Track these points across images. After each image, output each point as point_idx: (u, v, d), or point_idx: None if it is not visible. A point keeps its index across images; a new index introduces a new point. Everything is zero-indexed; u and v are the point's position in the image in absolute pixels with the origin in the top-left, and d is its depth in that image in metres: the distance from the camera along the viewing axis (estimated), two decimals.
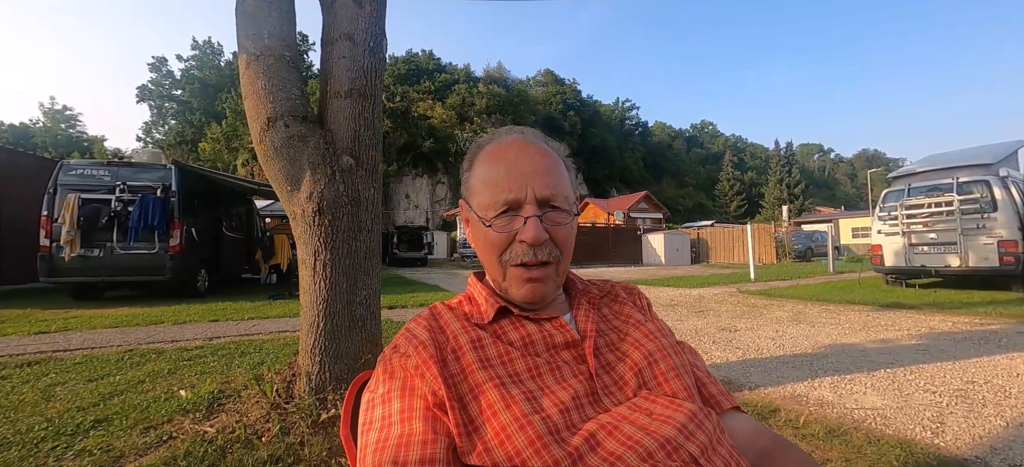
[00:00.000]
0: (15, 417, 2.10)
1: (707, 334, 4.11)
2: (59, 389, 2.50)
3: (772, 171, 51.93)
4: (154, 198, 6.12)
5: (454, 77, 57.18)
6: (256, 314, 5.20)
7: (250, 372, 2.65)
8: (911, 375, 2.73)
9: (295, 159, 1.97)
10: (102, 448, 1.78)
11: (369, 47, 2.12)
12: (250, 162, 32.95)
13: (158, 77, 42.37)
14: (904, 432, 1.95)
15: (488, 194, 0.58)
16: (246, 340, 3.80)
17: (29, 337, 3.94)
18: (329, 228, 1.97)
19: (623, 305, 0.67)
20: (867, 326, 4.26)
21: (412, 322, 0.59)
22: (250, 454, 1.68)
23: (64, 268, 5.89)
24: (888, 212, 7.24)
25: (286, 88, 2.00)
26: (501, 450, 0.45)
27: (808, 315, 5.00)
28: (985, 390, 2.43)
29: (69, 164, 6.33)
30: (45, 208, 5.91)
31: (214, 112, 38.76)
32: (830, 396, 2.41)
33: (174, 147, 38.06)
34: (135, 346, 3.58)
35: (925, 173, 7.13)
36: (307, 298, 2.01)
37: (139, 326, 4.47)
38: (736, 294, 7.16)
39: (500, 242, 0.58)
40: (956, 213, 6.31)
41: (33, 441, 1.84)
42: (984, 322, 4.27)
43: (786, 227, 21.53)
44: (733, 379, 2.76)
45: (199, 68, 42.52)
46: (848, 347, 3.47)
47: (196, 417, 2.06)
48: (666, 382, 0.55)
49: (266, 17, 2.01)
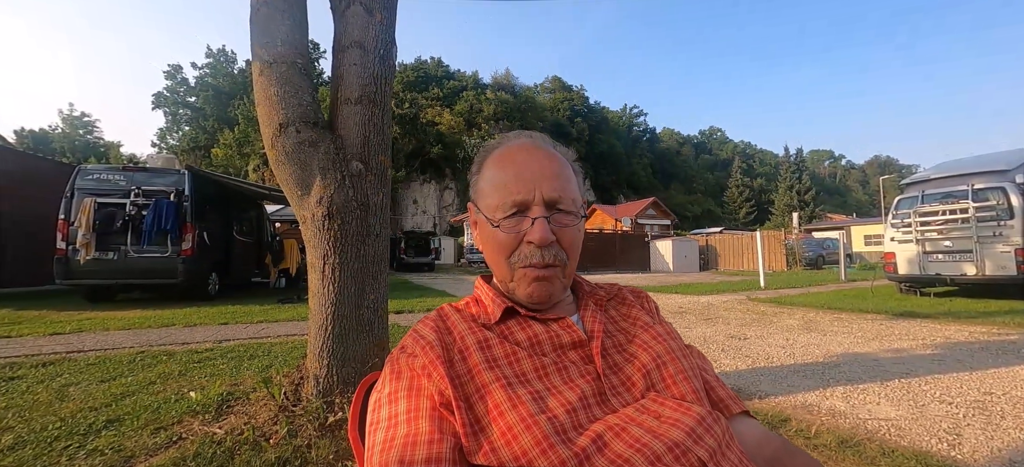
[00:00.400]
0: (30, 416, 2.14)
1: (716, 341, 4.06)
2: (73, 389, 2.55)
3: (782, 177, 51.45)
4: (168, 202, 6.23)
5: (462, 84, 57.61)
6: (265, 318, 5.25)
7: (259, 375, 2.67)
8: (926, 385, 2.67)
9: (306, 164, 2.00)
10: (113, 448, 1.80)
11: (379, 54, 2.15)
12: (261, 167, 33.41)
13: (173, 84, 43.28)
14: (919, 444, 1.90)
15: (497, 196, 0.59)
16: (255, 343, 3.83)
17: (44, 338, 4.02)
18: (338, 232, 1.99)
19: (631, 308, 0.67)
20: (880, 335, 4.18)
21: (419, 323, 0.59)
22: (258, 456, 1.69)
23: (79, 270, 6.01)
24: (901, 219, 7.12)
25: (298, 94, 2.03)
26: (507, 450, 0.45)
27: (819, 323, 4.92)
28: (1003, 402, 2.37)
29: (86, 169, 6.48)
30: (62, 212, 6.04)
31: (227, 118, 39.43)
32: (842, 406, 2.37)
33: (188, 153, 38.78)
34: (147, 348, 3.63)
35: (939, 180, 7.01)
36: (316, 301, 2.03)
37: (151, 328, 4.53)
38: (746, 301, 7.07)
39: (508, 243, 0.58)
40: (971, 220, 6.19)
41: (47, 440, 1.87)
42: (1002, 332, 4.17)
43: (796, 234, 21.27)
44: (743, 387, 2.72)
45: (213, 75, 43.36)
46: (861, 356, 3.41)
47: (205, 418, 2.08)
48: (674, 385, 0.54)
49: (279, 25, 2.05)
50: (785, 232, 20.76)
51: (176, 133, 43.42)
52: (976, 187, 6.35)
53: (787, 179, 50.23)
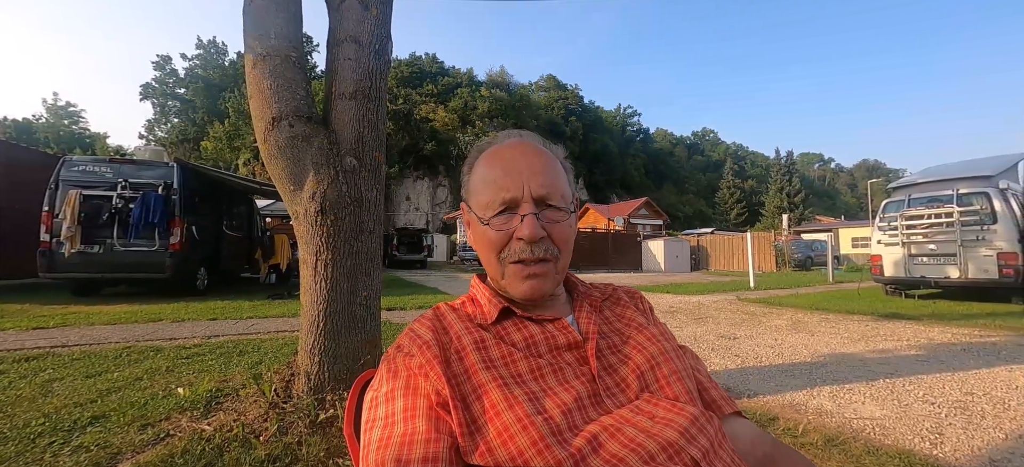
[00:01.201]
0: (12, 412, 2.09)
1: (706, 341, 4.11)
2: (57, 385, 2.50)
3: (772, 180, 51.99)
4: (156, 196, 6.12)
5: (457, 81, 57.32)
6: (255, 313, 5.19)
7: (248, 371, 2.65)
8: (910, 386, 2.73)
9: (299, 159, 1.98)
10: (99, 445, 1.78)
11: (374, 49, 2.13)
12: (252, 161, 32.99)
13: (162, 75, 42.50)
14: (903, 442, 1.94)
15: (487, 194, 0.59)
16: (245, 339, 3.79)
17: (28, 332, 3.94)
18: (331, 228, 1.98)
19: (625, 308, 0.67)
20: (866, 336, 4.25)
21: (416, 322, 0.59)
22: (247, 453, 1.67)
23: (64, 264, 5.89)
24: (888, 223, 7.25)
25: (291, 88, 2.01)
26: (503, 450, 0.46)
27: (807, 324, 5.00)
28: (984, 402, 2.43)
29: (71, 160, 6.33)
30: (46, 203, 5.91)
31: (217, 111, 38.83)
32: (829, 405, 2.41)
33: (176, 145, 38.11)
34: (134, 343, 3.58)
35: (925, 184, 7.14)
36: (308, 298, 2.01)
37: (138, 323, 4.46)
38: (735, 302, 7.15)
39: (499, 240, 0.59)
40: (956, 225, 6.32)
41: (30, 437, 1.83)
42: (984, 334, 4.27)
43: (786, 236, 21.52)
44: (732, 387, 2.76)
45: (203, 67, 42.66)
46: (847, 357, 3.47)
47: (194, 415, 2.05)
48: (668, 385, 0.55)
49: (273, 18, 2.02)
50: (775, 233, 20.99)
51: (164, 125, 42.67)
52: (961, 192, 6.48)
53: (777, 181, 50.78)
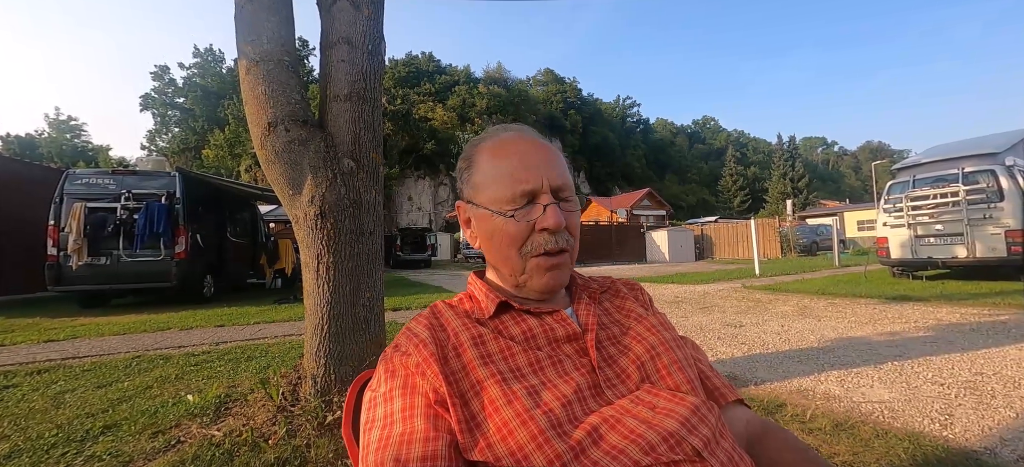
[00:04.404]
0: (25, 424, 2.12)
1: (712, 330, 4.10)
2: (68, 396, 2.52)
3: (775, 165, 51.71)
4: (159, 205, 6.17)
5: (454, 79, 57.21)
6: (261, 318, 5.22)
7: (256, 376, 2.67)
8: (919, 367, 2.71)
9: (296, 163, 1.98)
10: (111, 453, 1.79)
11: (368, 50, 2.12)
12: (253, 168, 33.08)
13: (161, 85, 42.62)
14: (912, 425, 1.93)
15: (501, 188, 0.58)
16: (252, 344, 3.82)
17: (38, 345, 3.98)
18: (331, 231, 1.98)
19: (624, 300, 0.67)
20: (874, 319, 4.22)
21: (413, 321, 0.59)
22: (257, 457, 1.68)
23: (71, 277, 5.95)
24: (893, 204, 7.18)
25: (286, 92, 2.01)
26: (503, 446, 0.45)
27: (814, 309, 4.97)
28: (994, 381, 2.41)
29: (75, 173, 6.38)
30: (52, 217, 5.96)
31: (217, 119, 38.96)
32: (837, 390, 2.39)
33: (178, 154, 38.31)
34: (143, 352, 3.61)
35: (930, 164, 7.06)
36: (311, 301, 2.02)
37: (146, 332, 4.50)
38: (741, 289, 7.12)
39: (520, 233, 0.57)
40: (962, 203, 6.25)
41: (44, 448, 1.85)
42: (993, 313, 4.23)
43: (790, 221, 21.41)
44: (739, 374, 2.75)
45: (201, 75, 42.75)
46: (855, 340, 3.45)
47: (203, 421, 2.07)
48: (669, 375, 0.55)
49: (265, 22, 2.02)
50: (779, 220, 20.88)
51: (166, 135, 42.86)
52: (966, 170, 6.40)
53: (780, 167, 50.49)
